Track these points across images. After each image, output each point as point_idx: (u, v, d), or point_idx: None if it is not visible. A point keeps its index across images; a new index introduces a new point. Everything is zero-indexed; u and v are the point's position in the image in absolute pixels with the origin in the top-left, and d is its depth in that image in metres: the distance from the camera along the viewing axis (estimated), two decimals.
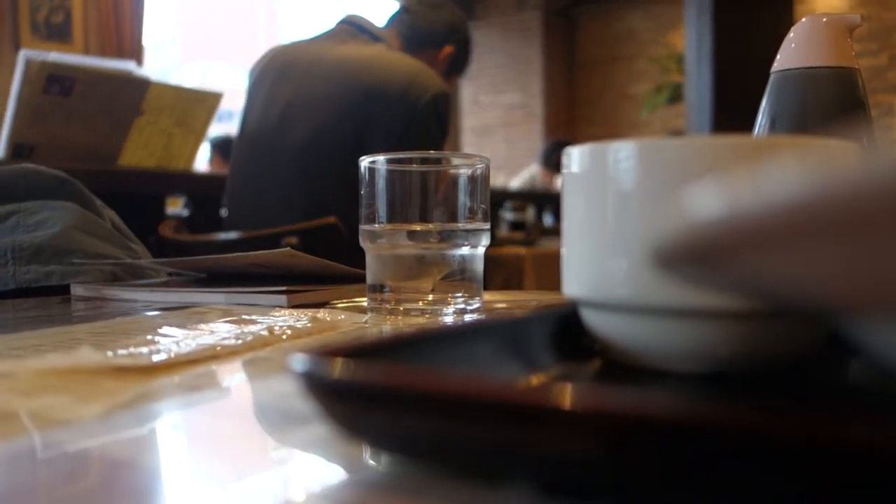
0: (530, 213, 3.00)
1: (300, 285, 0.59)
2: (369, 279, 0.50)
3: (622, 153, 0.27)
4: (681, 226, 0.15)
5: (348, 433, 0.19)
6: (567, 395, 0.15)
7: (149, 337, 0.39)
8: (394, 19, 1.61)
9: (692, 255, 0.15)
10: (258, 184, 1.47)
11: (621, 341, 0.28)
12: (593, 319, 0.29)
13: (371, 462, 0.20)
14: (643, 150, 0.26)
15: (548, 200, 3.41)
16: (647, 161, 0.26)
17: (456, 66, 1.66)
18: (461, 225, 0.49)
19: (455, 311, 0.49)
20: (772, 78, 0.49)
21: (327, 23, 1.60)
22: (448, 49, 1.62)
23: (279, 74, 1.50)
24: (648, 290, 0.26)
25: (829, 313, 0.17)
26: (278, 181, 1.44)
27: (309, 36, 1.60)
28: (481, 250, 0.50)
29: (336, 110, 1.40)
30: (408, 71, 1.42)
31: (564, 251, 0.30)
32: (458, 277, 0.49)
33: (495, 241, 2.26)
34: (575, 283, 0.29)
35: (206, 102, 1.87)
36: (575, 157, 0.29)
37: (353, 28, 1.55)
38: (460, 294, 0.49)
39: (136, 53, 2.87)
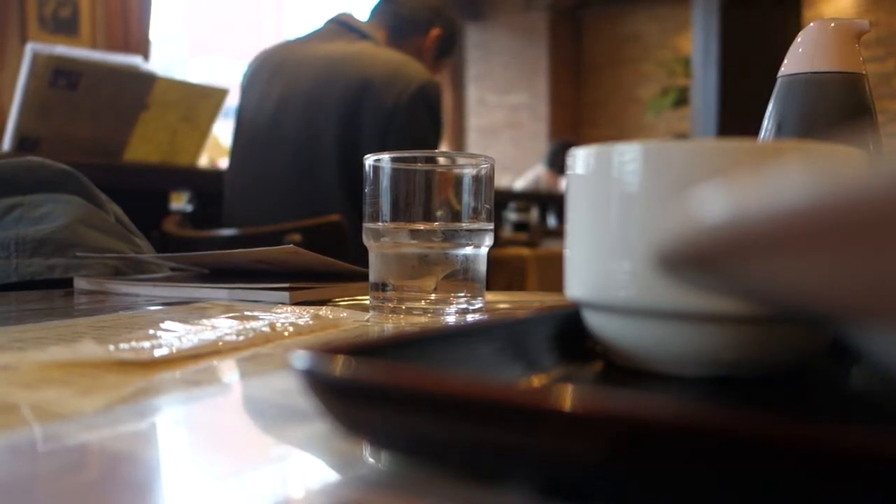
0: (534, 215, 3.00)
1: (303, 282, 0.59)
2: (372, 277, 0.50)
3: (627, 155, 0.27)
4: (685, 229, 0.15)
5: (348, 431, 0.19)
6: (567, 397, 0.15)
7: (151, 332, 0.39)
8: (377, 11, 1.62)
9: (696, 259, 0.15)
10: (256, 182, 1.48)
11: (624, 344, 0.28)
12: (596, 322, 0.29)
13: (371, 460, 0.20)
14: (648, 152, 0.26)
15: (552, 202, 3.40)
16: (651, 164, 0.26)
17: (444, 48, 1.67)
18: (464, 225, 0.49)
19: (457, 310, 0.49)
20: (778, 82, 0.48)
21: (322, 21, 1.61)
22: (435, 32, 1.62)
23: (270, 74, 1.51)
24: (651, 293, 0.26)
25: (833, 319, 0.17)
26: (275, 180, 1.45)
27: (300, 35, 1.61)
28: (484, 250, 0.50)
29: (324, 108, 1.41)
30: (392, 64, 1.42)
31: (568, 253, 0.30)
32: (460, 277, 0.49)
33: (498, 242, 2.26)
34: (578, 285, 0.29)
35: (212, 98, 1.87)
36: (580, 158, 0.29)
37: (340, 27, 1.55)
38: (462, 294, 0.49)
39: (143, 48, 2.87)
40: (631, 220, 0.26)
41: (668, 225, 0.16)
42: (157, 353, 0.33)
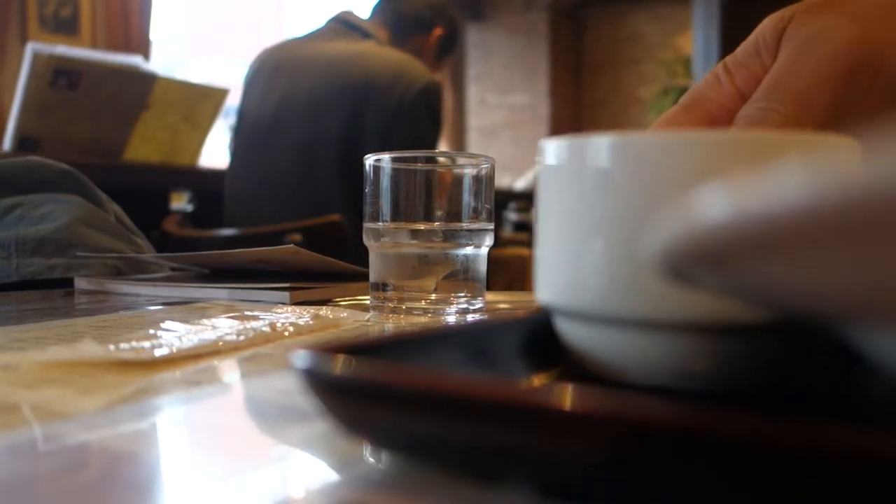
0: (534, 215, 3.00)
1: (303, 282, 0.59)
2: (372, 277, 0.50)
3: (602, 148, 0.24)
4: (684, 227, 0.15)
5: (349, 430, 0.19)
6: (567, 397, 0.15)
7: (151, 331, 0.39)
8: (378, 9, 1.62)
9: (696, 258, 0.15)
10: (256, 182, 1.48)
11: (595, 353, 0.26)
12: (566, 328, 0.27)
13: (371, 460, 0.20)
14: (625, 145, 0.24)
15: None
16: (629, 157, 0.24)
17: (446, 47, 1.67)
18: (465, 224, 0.49)
19: (457, 310, 0.49)
20: None
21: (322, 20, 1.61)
22: (437, 31, 1.62)
23: (271, 74, 1.51)
24: (626, 299, 0.24)
25: (834, 320, 0.17)
26: (276, 179, 1.45)
27: (300, 34, 1.61)
28: (485, 250, 0.50)
29: (326, 108, 1.41)
30: (395, 64, 1.42)
31: (537, 254, 0.27)
32: (460, 277, 0.49)
33: (498, 242, 2.26)
34: (548, 288, 0.27)
35: (212, 98, 1.87)
36: (551, 150, 0.26)
37: (342, 26, 1.55)
38: (463, 294, 0.49)
39: (144, 48, 2.87)
40: (605, 219, 0.24)
41: (649, 223, 0.15)
42: (158, 352, 0.33)
